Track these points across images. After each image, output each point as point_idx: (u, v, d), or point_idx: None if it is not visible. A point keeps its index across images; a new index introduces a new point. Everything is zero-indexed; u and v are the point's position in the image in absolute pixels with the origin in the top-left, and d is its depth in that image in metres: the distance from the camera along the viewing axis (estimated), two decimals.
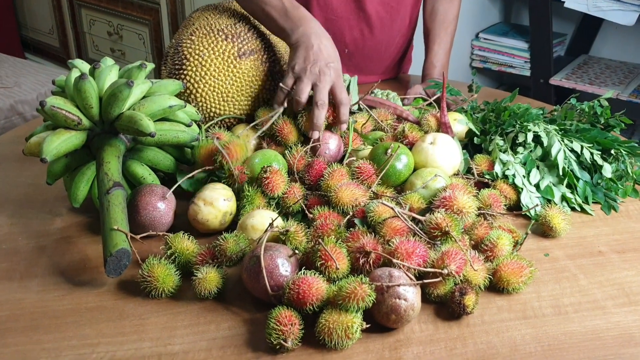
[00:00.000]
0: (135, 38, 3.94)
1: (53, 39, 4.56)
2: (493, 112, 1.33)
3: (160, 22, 3.69)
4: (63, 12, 4.33)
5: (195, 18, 1.37)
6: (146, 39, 3.87)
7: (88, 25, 4.21)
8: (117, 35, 4.03)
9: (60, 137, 1.02)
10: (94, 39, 4.24)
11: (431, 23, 1.71)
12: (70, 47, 4.46)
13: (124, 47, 4.05)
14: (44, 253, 1.06)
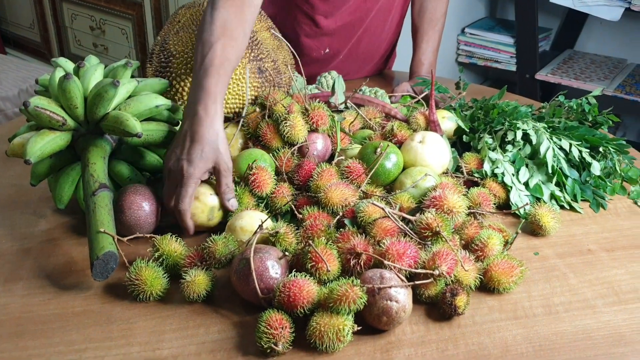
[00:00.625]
0: (118, 33, 3.90)
1: (34, 33, 4.50)
2: (481, 110, 1.33)
3: (144, 17, 3.65)
4: (44, 6, 4.27)
5: (181, 15, 1.35)
6: (129, 34, 3.83)
7: (70, 19, 4.16)
8: (100, 30, 3.98)
9: (44, 138, 1.00)
10: (76, 33, 4.18)
11: (419, 21, 1.70)
12: (51, 42, 4.40)
13: (106, 42, 4.01)
14: (29, 256, 1.04)
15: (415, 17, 1.72)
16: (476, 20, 3.18)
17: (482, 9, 3.26)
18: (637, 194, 1.24)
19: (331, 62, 1.74)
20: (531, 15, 2.74)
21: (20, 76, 2.82)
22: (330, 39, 1.68)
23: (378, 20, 1.71)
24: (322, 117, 1.22)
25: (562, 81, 2.78)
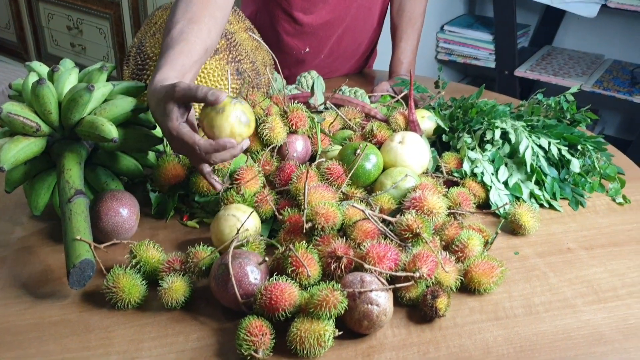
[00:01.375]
0: (96, 32, 3.85)
1: (10, 33, 4.44)
2: (460, 109, 1.33)
3: (122, 16, 3.62)
4: (20, 6, 4.21)
5: (158, 17, 1.34)
6: (107, 34, 3.79)
7: (46, 19, 4.10)
8: (77, 29, 3.93)
9: (18, 145, 0.98)
10: (53, 33, 4.13)
11: (398, 20, 1.70)
12: (28, 42, 4.34)
13: (84, 42, 3.96)
14: (4, 264, 1.03)
15: (394, 15, 1.72)
16: (455, 18, 3.19)
17: (461, 6, 3.27)
18: (615, 191, 1.25)
19: (312, 61, 1.74)
20: (510, 12, 2.75)
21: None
22: (311, 37, 1.67)
23: (358, 19, 1.71)
24: (301, 119, 1.21)
25: (540, 77, 2.80)
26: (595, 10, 2.56)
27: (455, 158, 1.23)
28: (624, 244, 1.10)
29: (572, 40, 3.13)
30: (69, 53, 4.09)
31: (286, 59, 1.68)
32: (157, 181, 1.12)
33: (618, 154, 1.41)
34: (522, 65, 2.88)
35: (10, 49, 4.50)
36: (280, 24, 1.65)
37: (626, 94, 2.64)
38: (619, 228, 1.15)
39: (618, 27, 2.95)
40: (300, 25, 1.63)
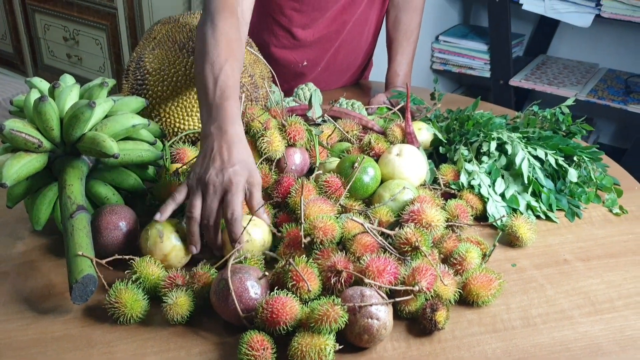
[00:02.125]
0: (92, 43, 3.87)
1: (6, 44, 4.45)
2: (457, 121, 1.34)
3: (118, 27, 3.63)
4: (16, 17, 4.22)
5: (157, 32, 1.35)
6: (103, 45, 3.80)
7: (43, 30, 4.12)
8: (74, 40, 3.94)
9: (20, 161, 0.99)
10: (49, 44, 4.15)
11: (394, 33, 1.72)
12: (24, 53, 4.35)
13: (80, 53, 3.97)
14: (6, 279, 1.03)
15: (390, 29, 1.74)
16: (450, 28, 3.21)
17: (456, 16, 3.29)
18: (612, 201, 1.27)
19: (309, 75, 1.75)
20: (504, 22, 2.77)
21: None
22: (308, 51, 1.69)
23: (355, 32, 1.72)
24: (299, 132, 1.22)
25: (535, 87, 2.82)
26: (590, 20, 2.59)
27: (452, 170, 1.24)
28: (620, 255, 1.11)
29: (567, 49, 3.15)
30: (65, 64, 4.10)
31: (284, 72, 1.69)
32: (158, 199, 1.13)
33: (613, 165, 1.42)
34: (517, 75, 2.90)
35: (6, 60, 4.51)
36: (278, 39, 1.67)
37: (620, 103, 2.66)
38: (615, 239, 1.16)
39: (612, 37, 2.98)
40: (298, 40, 1.65)
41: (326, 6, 1.60)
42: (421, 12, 1.74)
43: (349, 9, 1.65)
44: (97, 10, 3.68)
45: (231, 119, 1.05)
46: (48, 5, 3.94)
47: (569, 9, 2.62)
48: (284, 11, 1.61)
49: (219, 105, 1.06)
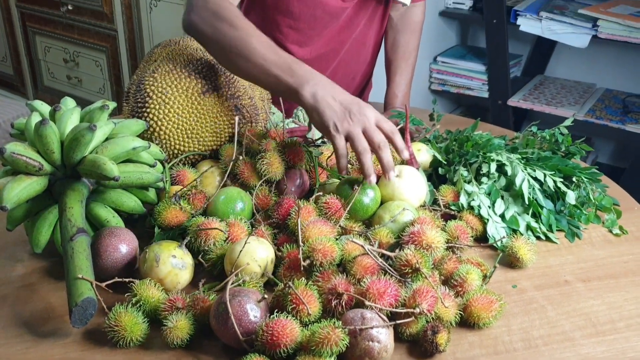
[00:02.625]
0: (92, 65, 3.89)
1: (6, 66, 4.47)
2: (456, 142, 1.35)
3: (118, 49, 3.66)
4: (17, 39, 4.26)
5: (157, 54, 1.36)
6: (103, 66, 3.82)
7: (43, 52, 4.14)
8: (74, 62, 3.97)
9: (21, 184, 1.00)
10: (50, 66, 4.17)
11: (393, 54, 1.73)
12: (24, 74, 4.37)
13: (80, 74, 4.00)
14: (5, 303, 1.03)
15: (388, 50, 1.75)
16: (448, 49, 3.23)
17: (453, 37, 3.32)
18: (611, 222, 1.27)
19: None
20: (502, 43, 2.80)
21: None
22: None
23: (352, 52, 1.73)
24: (299, 154, 1.22)
25: (534, 107, 2.83)
26: (586, 41, 2.61)
27: (452, 191, 1.25)
28: (620, 276, 1.11)
29: (564, 69, 3.18)
30: (65, 85, 4.12)
31: None
32: (159, 224, 1.13)
33: (612, 185, 1.43)
34: (515, 95, 2.92)
35: (6, 81, 4.53)
36: None
37: (618, 123, 2.67)
38: (616, 260, 1.16)
39: (609, 57, 3.00)
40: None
41: (323, 25, 1.61)
42: (419, 34, 1.76)
43: (347, 29, 1.66)
44: (97, 32, 3.71)
45: (317, 73, 1.17)
46: (48, 28, 3.97)
47: (565, 30, 2.64)
48: (280, 28, 1.61)
49: (299, 67, 1.17)
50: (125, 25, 3.53)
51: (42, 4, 3.93)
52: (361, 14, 1.64)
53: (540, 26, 2.68)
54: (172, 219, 1.12)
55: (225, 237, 1.08)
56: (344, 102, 1.14)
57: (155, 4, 3.31)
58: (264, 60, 1.18)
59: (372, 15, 1.67)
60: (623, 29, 2.50)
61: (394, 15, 1.72)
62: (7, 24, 4.24)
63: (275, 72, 1.17)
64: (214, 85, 1.28)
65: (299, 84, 1.15)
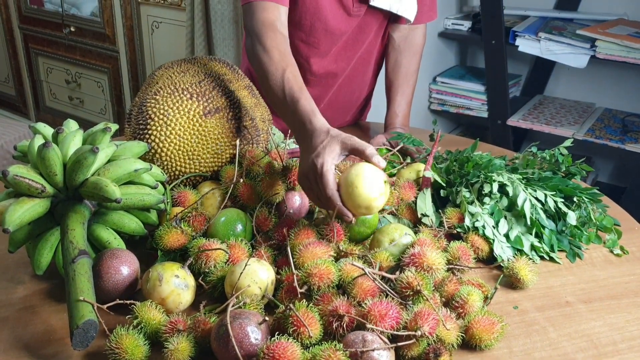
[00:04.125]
0: (94, 86, 3.91)
1: (9, 87, 4.50)
2: (456, 162, 1.36)
3: (120, 70, 3.68)
4: (19, 60, 4.29)
5: (159, 76, 1.37)
6: (105, 87, 3.85)
7: (45, 73, 4.17)
8: (76, 83, 3.99)
9: (23, 206, 1.00)
10: (52, 87, 4.20)
11: (394, 75, 1.75)
12: (26, 95, 4.40)
13: (82, 95, 4.02)
14: (6, 325, 1.03)
15: (390, 71, 1.77)
16: (447, 69, 3.25)
17: (453, 57, 3.34)
18: (612, 242, 1.27)
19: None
20: (500, 63, 2.81)
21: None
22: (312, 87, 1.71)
23: (357, 71, 1.76)
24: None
25: (533, 126, 2.84)
26: (585, 61, 2.62)
27: (457, 213, 1.25)
28: (622, 297, 1.11)
29: (563, 89, 3.19)
30: (67, 106, 4.15)
31: None
32: (160, 248, 1.13)
33: (613, 205, 1.43)
34: (514, 115, 2.93)
35: (9, 102, 4.56)
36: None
37: (618, 142, 2.68)
38: (617, 280, 1.16)
39: (608, 76, 3.02)
40: (303, 70, 1.67)
41: (332, 40, 1.64)
42: (420, 57, 1.78)
43: (353, 46, 1.69)
44: (99, 54, 3.74)
45: (306, 116, 1.18)
46: (51, 49, 4.00)
47: (564, 50, 2.66)
48: (293, 41, 1.63)
49: (294, 110, 1.20)
50: (127, 46, 3.56)
51: (45, 26, 3.97)
52: (367, 30, 1.67)
53: (539, 47, 2.70)
54: (174, 243, 1.12)
55: (226, 258, 1.08)
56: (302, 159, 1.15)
57: (156, 25, 3.34)
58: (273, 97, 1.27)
59: (376, 33, 1.70)
60: (621, 49, 2.52)
61: (396, 37, 1.74)
62: (10, 46, 4.27)
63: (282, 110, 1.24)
64: (215, 107, 1.29)
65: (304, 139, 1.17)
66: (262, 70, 1.30)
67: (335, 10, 1.58)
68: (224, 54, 2.88)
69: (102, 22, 3.60)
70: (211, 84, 1.33)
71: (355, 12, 1.60)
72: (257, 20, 1.38)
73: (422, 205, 1.28)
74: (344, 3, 1.57)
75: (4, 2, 4.10)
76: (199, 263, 1.07)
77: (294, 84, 1.23)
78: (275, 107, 1.28)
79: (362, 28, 1.65)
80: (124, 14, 3.45)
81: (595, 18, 2.85)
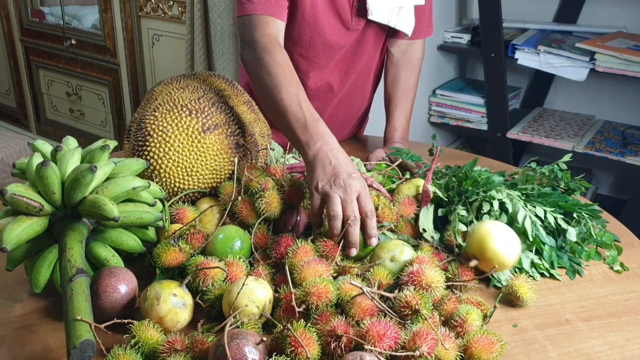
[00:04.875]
0: (94, 98, 3.92)
1: (9, 99, 4.51)
2: (455, 178, 1.35)
3: (120, 83, 3.69)
4: (20, 73, 4.30)
5: (158, 93, 1.37)
6: (106, 99, 3.85)
7: (46, 85, 4.18)
8: (76, 95, 4.00)
9: (21, 225, 1.00)
10: (52, 99, 4.21)
11: (393, 90, 1.76)
12: (27, 107, 4.41)
13: (83, 108, 4.03)
14: (3, 344, 1.02)
15: (389, 86, 1.77)
16: (446, 82, 3.26)
17: (452, 70, 3.35)
18: (612, 259, 1.26)
19: None
20: (500, 76, 2.82)
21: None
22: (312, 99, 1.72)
23: (356, 85, 1.76)
24: (298, 193, 1.23)
25: (533, 139, 2.84)
26: (584, 74, 2.63)
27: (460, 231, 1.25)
28: (622, 315, 1.10)
29: (563, 101, 3.20)
30: (67, 118, 4.16)
31: None
32: (158, 267, 1.13)
33: (612, 220, 1.43)
34: (514, 127, 2.93)
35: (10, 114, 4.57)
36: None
37: (618, 155, 2.68)
38: (617, 298, 1.15)
39: (607, 89, 3.02)
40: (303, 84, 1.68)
41: (330, 54, 1.65)
42: (419, 71, 1.78)
43: (352, 61, 1.70)
44: (99, 66, 3.75)
45: (330, 135, 1.23)
46: (52, 62, 4.02)
47: (564, 64, 2.66)
48: (292, 56, 1.64)
49: (315, 125, 1.23)
50: (128, 59, 3.57)
51: (46, 39, 3.98)
52: (365, 44, 1.68)
53: (539, 60, 2.71)
54: (172, 261, 1.12)
55: (224, 276, 1.08)
56: (337, 167, 1.17)
57: (157, 38, 3.35)
58: (285, 111, 1.27)
59: (375, 47, 1.71)
60: (620, 62, 2.53)
61: (395, 51, 1.75)
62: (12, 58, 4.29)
63: (292, 125, 1.25)
64: (214, 123, 1.29)
65: (307, 141, 1.22)
66: (273, 82, 1.31)
67: (334, 24, 1.58)
68: (224, 68, 2.89)
69: (102, 34, 3.61)
70: (210, 100, 1.33)
71: (354, 26, 1.60)
72: (262, 34, 1.39)
73: (424, 221, 1.27)
74: (343, 17, 1.58)
75: (6, 14, 4.11)
76: (196, 281, 1.07)
77: (309, 103, 1.28)
78: (283, 118, 1.28)
79: (360, 42, 1.66)
80: (125, 27, 3.46)
81: (594, 31, 2.86)
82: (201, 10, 2.83)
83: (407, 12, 1.64)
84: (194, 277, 1.07)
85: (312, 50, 1.63)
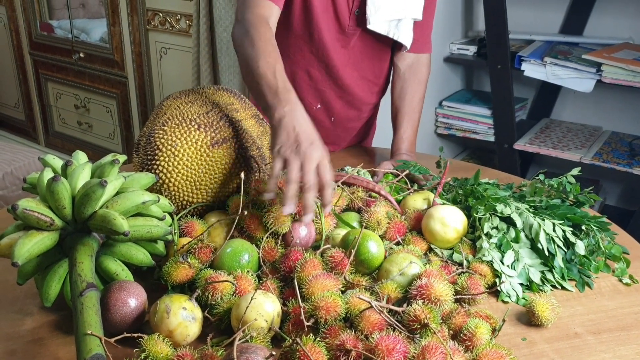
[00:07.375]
0: (102, 111, 3.95)
1: (19, 112, 4.55)
2: (461, 190, 1.36)
3: (128, 95, 3.71)
4: (29, 86, 4.33)
5: (167, 107, 1.38)
6: (114, 112, 3.88)
7: (55, 98, 4.21)
8: (84, 108, 4.03)
9: (32, 240, 1.01)
10: (61, 112, 4.23)
11: (400, 102, 1.77)
12: (36, 120, 4.44)
13: (91, 120, 4.05)
14: (14, 357, 1.03)
15: (395, 99, 1.78)
16: (453, 93, 3.27)
17: (458, 81, 3.35)
18: (621, 271, 1.26)
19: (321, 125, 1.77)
20: (506, 87, 2.82)
21: (5, 159, 2.83)
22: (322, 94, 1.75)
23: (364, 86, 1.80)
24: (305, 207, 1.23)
25: (540, 150, 2.84)
26: (591, 86, 2.63)
27: (469, 246, 1.25)
28: (632, 328, 1.10)
29: (570, 112, 3.19)
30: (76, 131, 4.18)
31: None
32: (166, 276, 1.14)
33: (621, 232, 1.42)
34: (521, 138, 2.93)
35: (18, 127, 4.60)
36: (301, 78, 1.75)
37: (626, 166, 2.67)
38: (626, 311, 1.15)
39: (614, 100, 3.02)
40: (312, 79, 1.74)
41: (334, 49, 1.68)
42: (425, 84, 1.80)
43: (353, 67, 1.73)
44: (107, 79, 3.78)
45: (298, 104, 1.25)
46: (60, 75, 4.05)
47: (570, 75, 2.66)
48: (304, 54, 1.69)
49: (286, 92, 1.26)
50: (136, 72, 3.60)
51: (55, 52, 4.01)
52: (367, 53, 1.72)
53: (545, 71, 2.71)
54: (182, 278, 1.12)
55: (232, 290, 1.08)
56: (300, 134, 1.19)
57: (165, 51, 3.38)
58: (260, 78, 1.31)
59: (379, 57, 1.75)
60: (627, 73, 2.53)
61: (402, 65, 1.76)
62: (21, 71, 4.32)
63: (264, 90, 1.29)
64: (222, 137, 1.30)
65: (275, 105, 1.25)
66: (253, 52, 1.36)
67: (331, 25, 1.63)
68: (229, 81, 2.90)
69: (111, 48, 3.64)
70: (218, 114, 1.34)
71: (350, 30, 1.65)
72: (253, 14, 1.45)
73: None
74: (341, 21, 1.63)
75: (15, 28, 4.15)
76: (205, 295, 1.07)
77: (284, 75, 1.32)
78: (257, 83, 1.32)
79: (362, 51, 1.70)
80: (133, 40, 3.49)
81: (600, 42, 2.86)
82: (207, 24, 2.85)
83: (406, 25, 1.66)
84: (203, 290, 1.07)
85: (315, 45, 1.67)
